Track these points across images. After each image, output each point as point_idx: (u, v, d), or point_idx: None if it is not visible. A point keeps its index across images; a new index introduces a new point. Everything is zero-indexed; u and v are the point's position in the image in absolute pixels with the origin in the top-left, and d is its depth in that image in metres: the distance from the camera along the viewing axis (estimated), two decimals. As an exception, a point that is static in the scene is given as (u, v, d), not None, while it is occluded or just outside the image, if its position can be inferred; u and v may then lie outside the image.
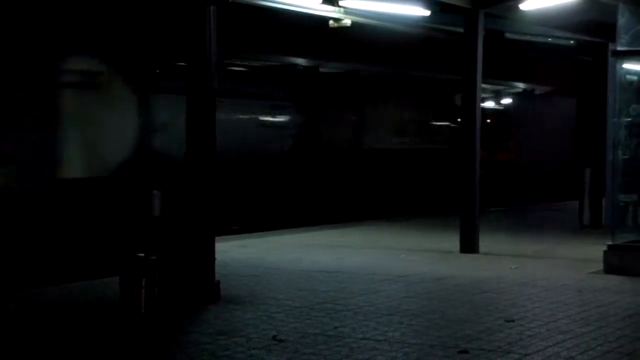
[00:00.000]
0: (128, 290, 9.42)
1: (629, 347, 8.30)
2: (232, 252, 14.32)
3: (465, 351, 8.01)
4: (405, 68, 25.48)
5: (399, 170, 25.22)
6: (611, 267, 12.85)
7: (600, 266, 13.00)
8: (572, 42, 21.09)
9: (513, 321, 9.32)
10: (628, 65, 13.97)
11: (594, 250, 14.09)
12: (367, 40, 21.06)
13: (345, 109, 24.45)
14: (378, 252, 14.92)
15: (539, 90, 31.60)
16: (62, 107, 16.27)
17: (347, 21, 15.97)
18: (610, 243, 13.11)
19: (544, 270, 13.02)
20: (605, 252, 13.05)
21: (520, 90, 30.95)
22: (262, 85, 21.78)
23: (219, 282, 10.51)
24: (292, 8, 15.17)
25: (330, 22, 16.03)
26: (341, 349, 8.03)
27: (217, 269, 10.58)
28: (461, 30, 15.75)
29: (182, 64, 12.88)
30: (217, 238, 10.80)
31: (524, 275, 12.56)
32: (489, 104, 28.67)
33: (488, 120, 26.86)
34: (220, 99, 10.96)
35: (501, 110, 29.77)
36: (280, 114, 22.10)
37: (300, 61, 22.79)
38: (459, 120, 22.19)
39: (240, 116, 20.65)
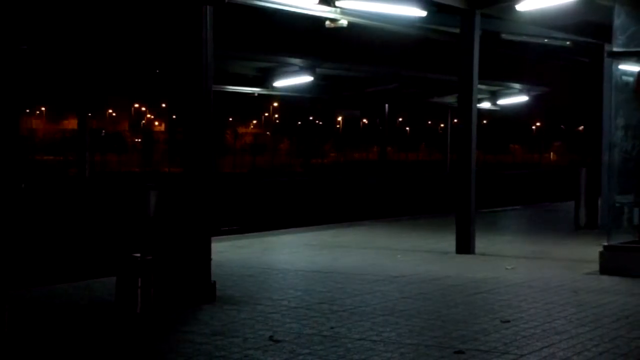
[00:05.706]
0: (124, 291, 9.42)
1: (625, 348, 8.31)
2: (228, 252, 14.33)
3: (461, 352, 8.01)
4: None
5: None
6: (607, 268, 12.86)
7: (596, 267, 13.01)
8: (568, 43, 21.11)
9: (509, 322, 9.33)
10: (624, 66, 13.98)
11: (590, 251, 14.11)
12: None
13: None
14: (374, 253, 14.92)
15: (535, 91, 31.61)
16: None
17: (343, 22, 15.98)
18: (606, 244, 13.12)
19: (539, 271, 13.03)
20: (601, 252, 13.06)
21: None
22: None
23: (214, 282, 10.51)
24: (288, 8, 15.16)
25: (327, 22, 16.05)
26: (337, 350, 8.03)
27: (213, 269, 10.58)
28: (457, 30, 15.77)
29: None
30: (212, 238, 10.81)
31: (520, 276, 12.57)
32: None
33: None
34: None
35: None
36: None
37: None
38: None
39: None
